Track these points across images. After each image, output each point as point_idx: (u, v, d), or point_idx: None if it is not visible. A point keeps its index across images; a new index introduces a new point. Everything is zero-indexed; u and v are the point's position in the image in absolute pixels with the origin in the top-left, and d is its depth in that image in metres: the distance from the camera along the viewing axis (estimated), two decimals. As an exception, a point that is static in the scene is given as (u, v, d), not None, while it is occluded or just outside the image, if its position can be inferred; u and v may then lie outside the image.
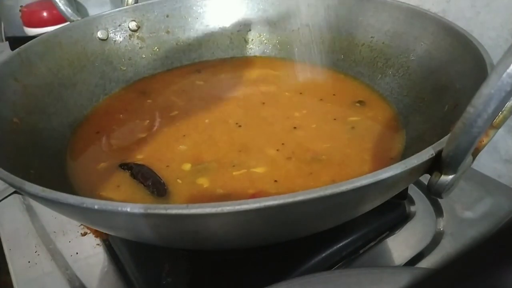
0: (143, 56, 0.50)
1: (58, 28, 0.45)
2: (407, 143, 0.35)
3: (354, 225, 0.35)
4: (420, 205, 0.38)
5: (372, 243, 0.35)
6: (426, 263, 0.33)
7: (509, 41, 0.41)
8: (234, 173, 0.33)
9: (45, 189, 0.22)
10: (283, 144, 0.36)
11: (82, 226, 0.39)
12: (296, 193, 0.19)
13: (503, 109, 0.23)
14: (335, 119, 0.40)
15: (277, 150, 0.36)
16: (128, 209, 0.20)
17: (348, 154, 0.35)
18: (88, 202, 0.20)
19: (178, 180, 0.33)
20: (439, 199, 0.39)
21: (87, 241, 0.37)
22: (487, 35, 0.42)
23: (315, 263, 0.32)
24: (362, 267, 0.32)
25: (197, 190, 0.32)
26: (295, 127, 0.39)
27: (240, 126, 0.39)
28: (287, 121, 0.39)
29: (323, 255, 0.33)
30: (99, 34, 0.47)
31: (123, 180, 0.34)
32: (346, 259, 0.34)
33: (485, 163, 0.46)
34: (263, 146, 0.36)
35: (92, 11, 0.80)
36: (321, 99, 0.44)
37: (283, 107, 0.42)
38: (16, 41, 0.56)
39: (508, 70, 0.18)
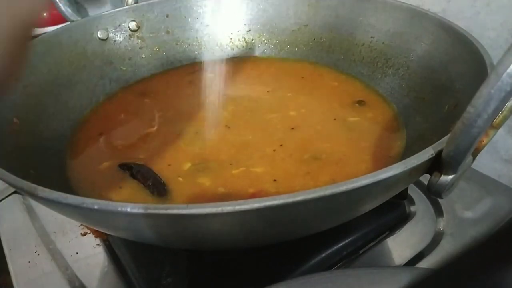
0: (143, 56, 0.50)
1: (58, 28, 0.45)
2: (407, 143, 0.35)
3: (354, 225, 0.35)
4: (420, 205, 0.38)
5: (372, 243, 0.35)
6: (426, 263, 0.33)
7: (509, 41, 0.41)
8: (233, 171, 0.33)
9: (45, 189, 0.22)
10: (282, 143, 0.36)
11: (82, 226, 0.39)
12: (296, 193, 0.19)
13: (503, 109, 0.23)
14: (335, 119, 0.40)
15: (276, 149, 0.36)
16: (128, 209, 0.20)
17: (348, 153, 0.35)
18: (88, 202, 0.20)
19: (179, 178, 0.33)
20: (439, 199, 0.39)
21: (87, 241, 0.37)
22: (487, 35, 0.42)
23: (315, 263, 0.32)
24: (362, 267, 0.32)
25: (198, 189, 0.32)
26: (294, 127, 0.38)
27: (240, 126, 0.39)
28: (286, 121, 0.39)
29: (323, 255, 0.33)
30: (99, 34, 0.47)
31: (124, 180, 0.34)
32: (346, 259, 0.34)
33: (485, 163, 0.46)
34: (262, 146, 0.36)
35: (92, 11, 0.80)
36: (321, 99, 0.44)
37: (283, 107, 0.42)
38: (16, 41, 0.56)
39: (508, 70, 0.18)
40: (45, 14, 0.74)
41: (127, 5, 0.50)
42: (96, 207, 0.20)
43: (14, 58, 0.18)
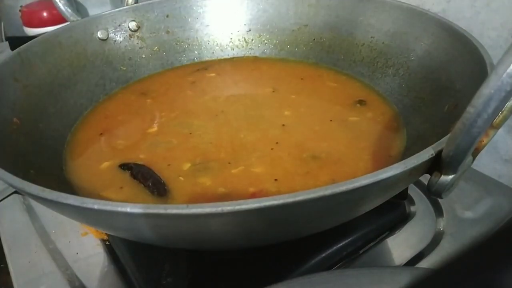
0: (143, 56, 0.50)
1: (58, 28, 0.45)
2: (407, 143, 0.35)
3: (354, 225, 0.35)
4: (420, 205, 0.38)
5: (372, 243, 0.35)
6: (426, 263, 0.33)
7: (509, 41, 0.41)
8: (232, 171, 0.33)
9: (45, 189, 0.22)
10: (281, 142, 0.36)
11: (82, 226, 0.39)
12: (296, 193, 0.19)
13: (503, 109, 0.23)
14: (335, 119, 0.40)
15: (274, 148, 0.36)
16: (128, 209, 0.20)
17: (348, 153, 0.35)
18: (88, 202, 0.20)
19: (180, 177, 0.33)
20: (439, 199, 0.39)
21: (87, 241, 0.37)
22: (487, 35, 0.42)
23: (315, 263, 0.32)
24: (362, 267, 0.32)
25: (198, 189, 0.32)
26: (295, 126, 0.38)
27: (240, 126, 0.39)
28: (286, 121, 0.39)
29: (323, 255, 0.33)
30: (99, 34, 0.47)
31: (124, 181, 0.34)
32: (346, 259, 0.34)
33: (485, 163, 0.46)
34: (262, 145, 0.36)
35: (92, 11, 0.80)
36: (321, 99, 0.44)
37: (283, 106, 0.42)
38: (16, 41, 0.56)
39: (508, 70, 0.18)
40: (45, 14, 0.74)
41: (127, 5, 0.50)
42: (96, 207, 0.20)
43: None
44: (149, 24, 0.51)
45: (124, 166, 0.35)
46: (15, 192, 0.44)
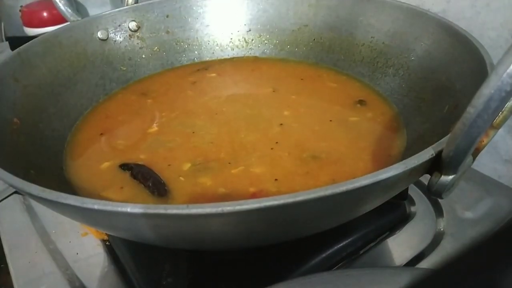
0: (143, 56, 0.50)
1: (58, 28, 0.45)
2: (407, 143, 0.35)
3: (354, 225, 0.35)
4: (420, 205, 0.38)
5: (372, 244, 0.35)
6: (427, 264, 0.33)
7: (509, 41, 0.41)
8: (232, 171, 0.33)
9: (45, 189, 0.22)
10: (281, 143, 0.36)
11: (82, 226, 0.39)
12: (296, 193, 0.19)
13: (503, 109, 0.23)
14: (335, 119, 0.40)
15: (276, 149, 0.36)
16: (128, 209, 0.20)
17: (348, 153, 0.35)
18: (88, 202, 0.20)
19: (180, 178, 0.33)
20: (439, 200, 0.39)
21: (87, 241, 0.37)
22: (487, 35, 0.42)
23: (315, 263, 0.32)
24: (362, 268, 0.32)
25: (198, 189, 0.32)
26: (294, 127, 0.38)
27: (240, 126, 0.39)
28: (286, 121, 0.39)
29: (323, 255, 0.33)
30: (99, 34, 0.47)
31: (124, 181, 0.34)
32: (346, 260, 0.34)
33: (485, 163, 0.46)
34: (262, 145, 0.36)
35: (92, 11, 0.80)
36: (321, 99, 0.44)
37: (283, 106, 0.42)
38: (16, 41, 0.56)
39: (508, 70, 0.18)
40: (45, 14, 0.74)
41: (127, 5, 0.50)
42: (96, 207, 0.20)
43: None
44: (149, 24, 0.51)
45: (124, 166, 0.35)
46: (15, 192, 0.44)
